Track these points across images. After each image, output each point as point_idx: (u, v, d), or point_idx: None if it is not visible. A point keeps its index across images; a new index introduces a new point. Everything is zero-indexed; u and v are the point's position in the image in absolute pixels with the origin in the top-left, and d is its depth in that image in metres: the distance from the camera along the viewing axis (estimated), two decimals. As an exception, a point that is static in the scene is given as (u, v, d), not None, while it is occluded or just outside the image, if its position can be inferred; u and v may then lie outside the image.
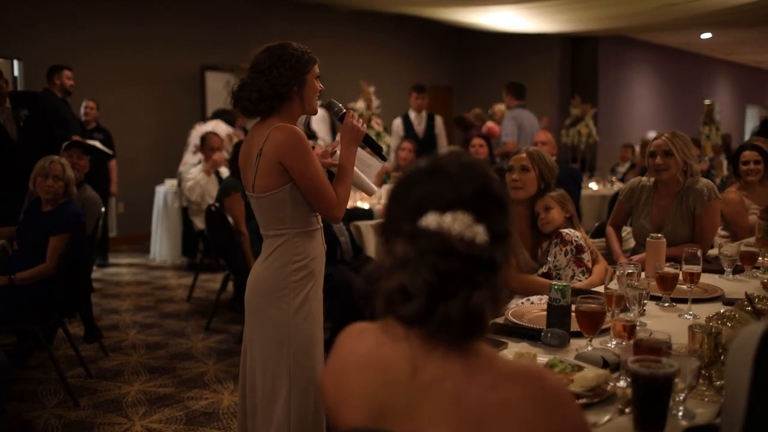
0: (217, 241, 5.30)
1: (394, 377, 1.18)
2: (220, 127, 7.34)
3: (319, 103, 2.58)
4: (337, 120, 2.60)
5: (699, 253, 2.60)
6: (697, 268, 2.55)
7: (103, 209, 4.73)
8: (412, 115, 7.72)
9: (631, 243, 3.95)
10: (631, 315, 2.24)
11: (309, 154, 2.38)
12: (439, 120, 7.83)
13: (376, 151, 2.67)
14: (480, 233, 1.14)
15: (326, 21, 10.51)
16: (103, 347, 4.71)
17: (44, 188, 3.93)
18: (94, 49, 8.30)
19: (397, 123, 7.72)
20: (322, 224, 2.55)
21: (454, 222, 1.13)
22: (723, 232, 4.27)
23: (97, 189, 6.20)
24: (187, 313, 5.72)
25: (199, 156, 6.86)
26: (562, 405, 1.15)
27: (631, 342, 1.81)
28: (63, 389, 3.96)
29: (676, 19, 10.26)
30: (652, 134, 12.99)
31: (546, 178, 3.27)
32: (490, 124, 10.30)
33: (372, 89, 5.81)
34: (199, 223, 6.29)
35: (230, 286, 5.64)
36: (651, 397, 1.56)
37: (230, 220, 4.97)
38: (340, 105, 2.64)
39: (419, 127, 7.68)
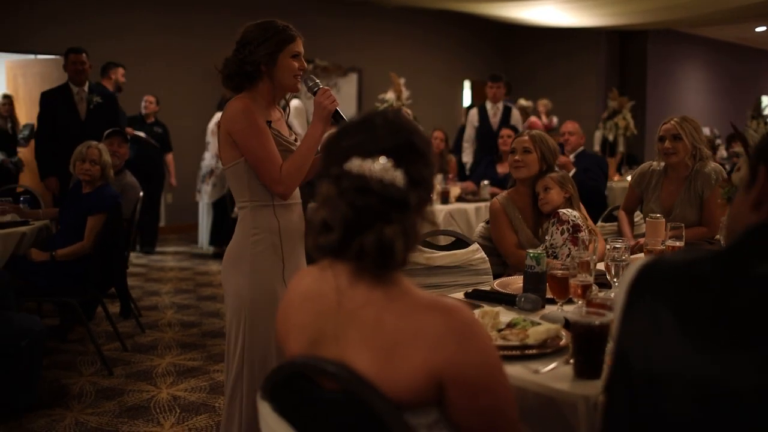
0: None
1: (324, 307, 1.33)
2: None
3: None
4: (312, 95, 2.56)
5: (683, 230, 2.68)
6: (679, 243, 2.63)
7: (141, 194, 4.99)
8: (488, 105, 7.58)
9: (644, 228, 4.00)
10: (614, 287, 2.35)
11: (253, 127, 2.40)
12: (516, 112, 7.69)
13: None
14: (398, 177, 1.28)
15: (369, 16, 10.71)
16: (140, 324, 4.98)
17: (82, 171, 4.22)
18: (146, 45, 8.66)
19: (473, 113, 7.63)
20: (299, 199, 2.59)
21: (374, 166, 1.27)
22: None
23: (151, 180, 6.54)
24: (223, 296, 5.95)
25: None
26: (473, 337, 1.27)
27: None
28: (99, 360, 4.23)
29: (727, 10, 10.08)
30: (704, 130, 12.81)
31: (548, 160, 3.36)
32: (532, 118, 10.35)
33: (402, 80, 5.95)
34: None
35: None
36: (588, 346, 1.68)
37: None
38: (317, 81, 2.57)
39: (494, 118, 7.52)
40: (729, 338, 1.00)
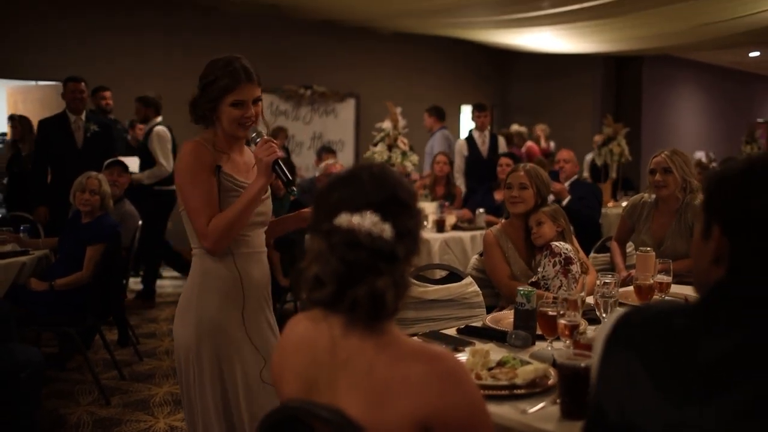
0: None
1: (318, 355, 1.39)
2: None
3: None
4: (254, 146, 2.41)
5: (671, 266, 2.74)
6: (667, 278, 2.68)
7: (140, 222, 5.05)
8: (476, 134, 7.74)
9: (636, 258, 4.05)
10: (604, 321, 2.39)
11: (190, 173, 2.31)
12: (501, 140, 7.86)
13: (285, 182, 2.36)
14: (386, 230, 1.33)
15: (368, 43, 10.82)
16: (138, 352, 5.02)
17: (81, 201, 4.27)
18: (143, 72, 8.74)
19: (461, 143, 7.78)
20: (257, 249, 2.47)
21: (363, 220, 1.33)
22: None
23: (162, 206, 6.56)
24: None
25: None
26: (459, 383, 1.33)
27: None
28: (96, 389, 4.26)
29: (720, 37, 10.19)
30: (699, 154, 12.88)
31: (543, 194, 3.43)
32: (529, 143, 10.45)
33: (399, 110, 6.03)
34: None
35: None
36: (574, 387, 1.73)
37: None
38: (261, 131, 2.41)
39: (483, 146, 7.66)
40: (695, 392, 1.06)
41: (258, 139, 2.37)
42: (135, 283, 7.44)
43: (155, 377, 4.62)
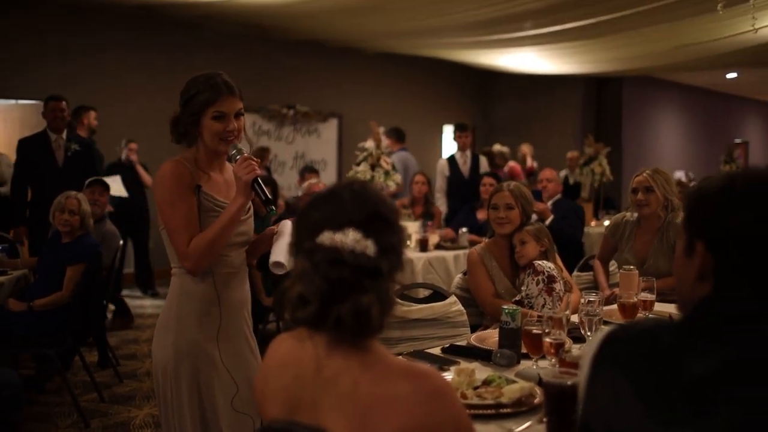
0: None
1: (302, 374, 1.37)
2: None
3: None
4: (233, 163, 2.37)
5: (654, 284, 2.75)
6: (651, 297, 2.69)
7: (121, 242, 5.00)
8: (458, 154, 7.76)
9: (618, 277, 4.07)
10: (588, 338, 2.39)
11: (170, 193, 2.29)
12: (483, 159, 7.88)
13: (263, 200, 2.34)
14: (369, 246, 1.32)
15: (351, 63, 10.87)
16: (118, 374, 4.94)
17: (61, 222, 4.23)
18: (126, 90, 8.69)
19: (442, 163, 7.79)
20: (237, 269, 2.44)
21: (345, 238, 1.32)
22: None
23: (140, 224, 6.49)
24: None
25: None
26: (446, 401, 1.32)
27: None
28: (76, 412, 4.18)
29: (698, 59, 10.35)
30: (679, 174, 13.01)
31: (527, 212, 3.44)
32: (512, 163, 10.48)
33: (381, 129, 6.04)
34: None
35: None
36: (560, 406, 1.71)
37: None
38: (240, 148, 2.37)
39: (464, 166, 7.69)
40: (680, 409, 1.05)
41: (238, 157, 2.34)
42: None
43: (135, 399, 4.56)
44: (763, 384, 1.04)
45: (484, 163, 7.86)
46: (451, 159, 7.78)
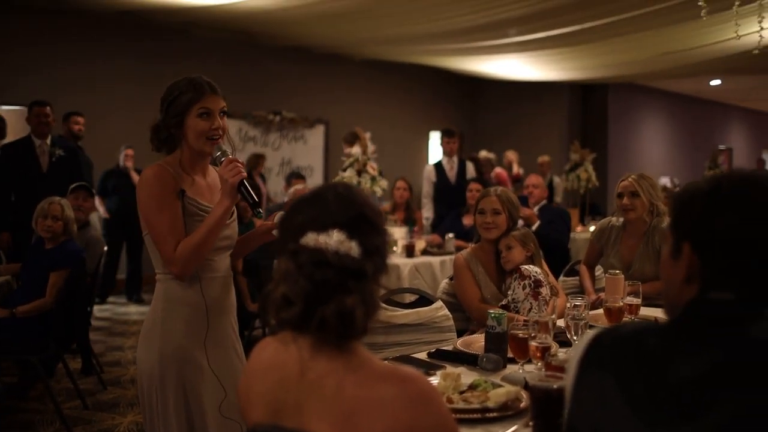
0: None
1: (286, 378, 1.35)
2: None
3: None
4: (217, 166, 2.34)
5: (640, 288, 2.75)
6: (636, 300, 2.69)
7: (106, 248, 4.96)
8: (444, 160, 7.74)
9: (604, 282, 4.08)
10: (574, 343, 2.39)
11: (154, 199, 2.26)
12: (470, 165, 7.86)
13: (251, 203, 2.31)
14: (353, 248, 1.31)
15: (337, 70, 10.87)
16: (102, 381, 4.89)
17: (44, 228, 4.19)
18: (117, 95, 8.64)
19: (429, 169, 7.76)
20: (222, 273, 2.42)
21: (329, 239, 1.31)
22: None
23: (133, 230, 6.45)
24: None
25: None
26: (431, 405, 1.30)
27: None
28: (58, 419, 4.14)
29: (682, 66, 10.43)
30: (664, 180, 13.10)
31: (514, 217, 3.44)
32: (498, 170, 10.51)
33: (368, 135, 6.04)
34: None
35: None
36: (546, 409, 1.71)
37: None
38: (225, 150, 2.35)
39: (451, 172, 7.65)
40: (667, 411, 1.05)
41: (222, 159, 2.31)
42: (100, 311, 7.33)
43: (119, 406, 4.51)
44: (750, 386, 1.04)
45: (470, 169, 7.86)
46: (438, 165, 7.78)
